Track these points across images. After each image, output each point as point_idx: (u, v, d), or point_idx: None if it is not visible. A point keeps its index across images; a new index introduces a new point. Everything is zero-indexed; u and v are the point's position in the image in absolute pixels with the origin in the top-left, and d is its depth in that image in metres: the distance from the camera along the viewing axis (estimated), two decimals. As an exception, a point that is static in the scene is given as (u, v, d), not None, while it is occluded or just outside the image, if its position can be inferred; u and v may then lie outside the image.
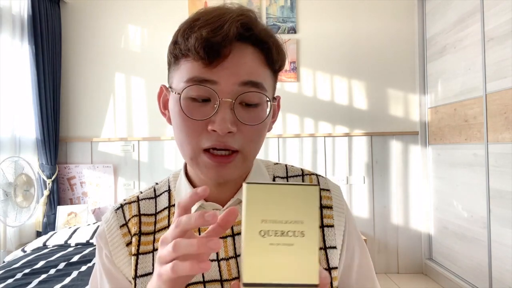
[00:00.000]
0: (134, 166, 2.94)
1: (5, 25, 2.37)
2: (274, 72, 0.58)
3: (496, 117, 2.06)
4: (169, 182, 0.66)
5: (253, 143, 0.55)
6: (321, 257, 0.59)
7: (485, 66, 2.15)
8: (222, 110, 0.51)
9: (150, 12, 2.97)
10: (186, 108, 0.53)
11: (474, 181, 2.28)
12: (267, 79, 0.55)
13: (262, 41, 0.54)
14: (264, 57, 0.55)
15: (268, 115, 0.55)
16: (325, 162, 2.93)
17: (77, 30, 2.98)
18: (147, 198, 0.65)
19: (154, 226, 0.62)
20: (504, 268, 2.02)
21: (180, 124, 0.54)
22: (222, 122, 0.50)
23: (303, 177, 0.66)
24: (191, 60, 0.52)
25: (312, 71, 2.95)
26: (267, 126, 0.58)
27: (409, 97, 2.94)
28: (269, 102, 0.55)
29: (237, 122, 0.52)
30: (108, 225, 0.63)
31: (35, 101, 2.58)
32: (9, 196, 2.15)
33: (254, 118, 0.53)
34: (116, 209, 0.64)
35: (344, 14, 2.96)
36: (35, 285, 1.50)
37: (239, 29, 0.50)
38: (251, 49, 0.53)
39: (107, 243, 0.62)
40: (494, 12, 2.07)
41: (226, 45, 0.50)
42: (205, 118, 0.52)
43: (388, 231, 2.90)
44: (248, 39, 0.53)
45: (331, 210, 0.63)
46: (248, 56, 0.53)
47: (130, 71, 2.97)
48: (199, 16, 0.52)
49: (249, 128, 0.53)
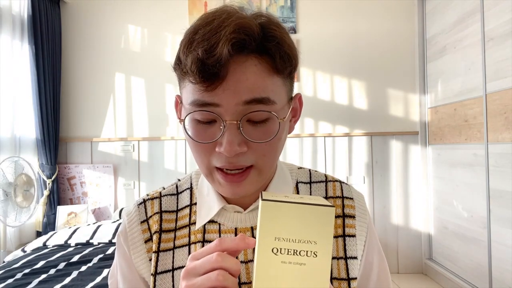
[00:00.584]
0: (134, 166, 2.94)
1: (5, 25, 2.37)
2: (285, 76, 0.53)
3: (496, 117, 2.06)
4: (191, 179, 0.66)
5: (267, 157, 0.53)
6: (341, 267, 0.59)
7: (485, 66, 2.15)
8: (228, 132, 0.49)
9: (150, 12, 2.97)
10: (193, 132, 0.52)
11: (474, 181, 2.28)
12: (275, 89, 0.51)
13: (263, 51, 0.50)
14: (270, 66, 0.50)
15: (279, 129, 0.52)
16: (325, 162, 2.93)
17: (77, 30, 2.98)
18: (169, 195, 0.65)
19: (175, 223, 0.62)
20: (504, 268, 2.02)
21: (191, 145, 0.54)
22: (229, 145, 0.48)
23: (326, 183, 0.65)
24: (192, 82, 0.49)
25: (312, 71, 2.95)
26: (283, 137, 0.55)
27: (409, 97, 2.94)
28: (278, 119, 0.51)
29: (246, 141, 0.50)
30: (129, 218, 0.63)
31: (35, 101, 2.58)
32: (9, 196, 2.15)
33: (263, 135, 0.51)
34: (139, 204, 0.64)
35: (344, 14, 2.96)
36: (35, 285, 1.50)
37: (231, 51, 0.46)
38: (254, 60, 0.49)
39: (126, 237, 0.62)
40: (494, 12, 2.07)
41: (221, 67, 0.47)
42: (212, 140, 0.50)
43: (388, 231, 2.90)
44: (247, 52, 0.49)
45: (353, 219, 0.62)
46: (249, 70, 0.49)
47: (130, 71, 2.97)
48: (198, 28, 0.49)
49: (261, 144, 0.51)
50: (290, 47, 0.52)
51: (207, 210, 0.60)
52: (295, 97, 0.59)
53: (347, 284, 0.58)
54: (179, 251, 0.60)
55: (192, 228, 0.61)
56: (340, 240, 0.60)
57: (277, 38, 0.50)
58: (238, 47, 0.47)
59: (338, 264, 0.59)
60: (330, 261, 0.37)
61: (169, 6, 2.96)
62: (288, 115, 0.54)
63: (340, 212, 0.62)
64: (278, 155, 0.56)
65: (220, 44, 0.46)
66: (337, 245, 0.60)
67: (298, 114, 0.61)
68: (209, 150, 0.51)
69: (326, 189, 0.64)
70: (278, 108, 0.51)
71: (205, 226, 0.60)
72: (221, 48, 0.46)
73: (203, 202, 0.62)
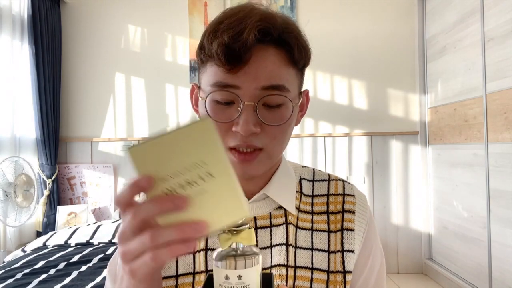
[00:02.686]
0: (134, 166, 2.93)
1: (5, 25, 2.37)
2: (299, 69, 0.59)
3: (496, 117, 2.06)
4: None
5: (277, 140, 0.56)
6: (338, 260, 0.59)
7: (485, 66, 2.15)
8: (245, 112, 0.53)
9: (150, 12, 2.97)
10: (211, 110, 0.55)
11: (474, 181, 2.28)
12: (290, 79, 0.56)
13: (282, 42, 0.55)
14: (287, 57, 0.56)
15: (292, 115, 0.56)
16: (325, 162, 2.93)
17: (77, 30, 2.98)
18: None
19: None
20: (504, 268, 2.02)
21: None
22: (245, 124, 0.52)
23: (329, 182, 0.67)
24: (215, 65, 0.54)
25: (312, 71, 2.95)
26: (292, 124, 0.59)
27: (409, 97, 2.94)
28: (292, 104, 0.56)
29: (261, 123, 0.54)
30: None
31: (35, 101, 2.57)
32: (9, 196, 2.15)
33: (277, 119, 0.55)
34: None
35: (344, 14, 2.96)
36: (35, 285, 1.50)
37: (257, 35, 0.51)
38: (273, 50, 0.54)
39: None
40: (494, 12, 2.07)
41: (246, 51, 0.51)
42: (230, 120, 0.54)
43: (388, 231, 2.90)
44: (268, 42, 0.54)
45: (353, 214, 0.63)
46: (269, 59, 0.54)
47: (130, 71, 2.97)
48: (224, 19, 0.54)
49: (273, 128, 0.55)
50: (306, 42, 0.58)
51: None
52: (303, 92, 0.64)
53: (342, 276, 0.59)
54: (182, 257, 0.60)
55: None
56: (338, 234, 0.61)
57: (296, 31, 0.57)
58: (262, 34, 0.52)
59: (335, 257, 0.60)
60: (231, 174, 0.34)
61: (169, 6, 2.96)
62: (293, 110, 0.58)
63: (340, 208, 0.63)
64: (286, 142, 0.60)
65: (246, 31, 0.51)
66: (335, 239, 0.61)
67: (304, 109, 0.66)
68: (225, 130, 0.55)
69: (329, 187, 0.66)
70: (291, 96, 0.56)
71: None
72: (247, 34, 0.51)
73: None
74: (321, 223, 0.62)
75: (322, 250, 0.60)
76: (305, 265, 0.59)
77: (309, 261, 0.59)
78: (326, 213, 0.63)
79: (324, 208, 0.63)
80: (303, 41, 0.57)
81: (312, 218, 0.62)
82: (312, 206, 0.64)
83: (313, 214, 0.63)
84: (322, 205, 0.64)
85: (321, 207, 0.64)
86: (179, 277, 0.59)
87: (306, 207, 0.63)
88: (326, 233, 0.61)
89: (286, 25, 0.56)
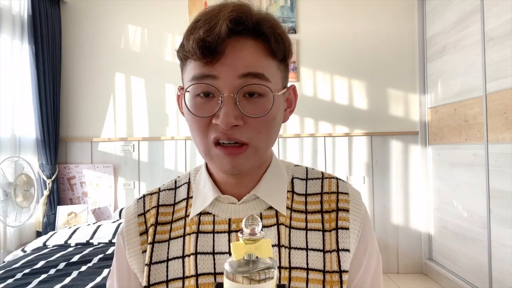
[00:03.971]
0: (134, 166, 2.94)
1: (5, 25, 2.37)
2: (280, 62, 0.58)
3: (496, 117, 2.06)
4: (190, 175, 0.68)
5: (262, 134, 0.55)
6: (333, 259, 0.58)
7: (485, 66, 2.15)
8: (225, 105, 0.52)
9: (150, 12, 2.97)
10: (192, 106, 0.55)
11: (474, 181, 2.28)
12: (270, 69, 0.55)
13: (259, 32, 0.54)
14: (265, 48, 0.55)
15: (274, 106, 0.55)
16: (325, 162, 2.93)
17: (77, 30, 2.98)
18: (167, 189, 0.67)
19: (171, 216, 0.64)
20: (504, 268, 2.02)
21: (190, 122, 0.57)
22: (225, 116, 0.51)
23: (322, 180, 0.65)
24: (193, 61, 0.54)
25: (312, 71, 2.95)
26: (277, 117, 0.58)
27: (409, 97, 2.94)
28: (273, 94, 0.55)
29: (243, 116, 0.53)
30: (127, 212, 0.66)
31: (35, 101, 2.58)
32: (9, 196, 2.15)
33: (258, 110, 0.54)
34: (138, 199, 0.67)
35: (344, 14, 2.96)
36: (35, 285, 1.50)
37: (229, 25, 0.51)
38: (250, 42, 0.54)
39: (123, 232, 0.64)
40: (494, 12, 2.07)
41: (220, 42, 0.51)
42: (211, 114, 0.54)
43: (388, 231, 2.90)
44: (245, 33, 0.54)
45: (347, 213, 0.62)
46: (247, 49, 0.54)
47: (130, 71, 2.97)
48: (201, 17, 0.54)
49: (256, 120, 0.54)
50: (283, 32, 0.57)
51: (202, 201, 0.62)
52: (289, 88, 0.63)
53: (338, 276, 0.58)
54: (174, 242, 0.61)
55: (188, 220, 0.62)
56: (333, 233, 0.60)
57: (271, 21, 0.56)
58: (234, 23, 0.52)
59: (331, 257, 0.59)
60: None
61: (169, 6, 2.96)
62: (282, 100, 0.58)
63: (334, 206, 0.62)
64: (273, 137, 0.59)
65: (219, 23, 0.51)
66: (330, 238, 0.60)
67: (293, 105, 0.65)
68: (207, 123, 0.54)
69: (322, 185, 0.65)
70: (273, 87, 0.55)
71: (200, 218, 0.61)
72: (220, 26, 0.51)
73: (198, 194, 0.63)
74: (316, 222, 0.61)
75: (317, 250, 0.59)
76: (300, 266, 0.58)
77: (304, 262, 0.58)
78: (320, 212, 0.62)
79: (318, 207, 0.62)
80: (280, 31, 0.56)
81: (306, 217, 0.61)
82: (306, 205, 0.63)
83: (307, 213, 0.62)
84: (316, 204, 0.63)
85: (315, 206, 0.63)
86: (169, 261, 0.60)
87: (300, 206, 0.62)
88: (321, 233, 0.60)
89: (260, 16, 0.55)
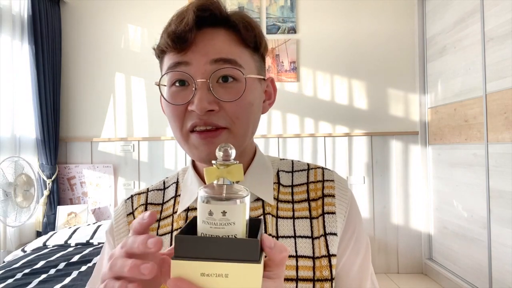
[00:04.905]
0: (134, 166, 2.94)
1: (5, 25, 2.37)
2: (253, 51, 0.60)
3: (496, 117, 2.06)
4: (178, 175, 0.69)
5: (240, 119, 0.56)
6: (321, 244, 0.59)
7: (485, 66, 2.15)
8: (199, 91, 0.53)
9: (150, 12, 2.97)
10: (168, 96, 0.57)
11: (474, 181, 2.28)
12: (243, 57, 0.57)
13: (228, 23, 0.57)
14: (236, 37, 0.57)
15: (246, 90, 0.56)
16: (325, 162, 2.93)
17: (77, 30, 2.98)
18: (156, 190, 0.68)
19: (159, 214, 0.65)
20: (504, 268, 2.02)
21: (167, 112, 0.58)
22: (199, 102, 0.52)
23: (308, 171, 0.66)
24: (167, 53, 0.57)
25: (312, 71, 2.95)
26: (254, 103, 0.58)
27: (409, 97, 2.94)
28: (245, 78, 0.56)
29: (217, 101, 0.54)
30: (116, 213, 0.67)
31: (35, 101, 2.57)
32: (9, 196, 2.15)
33: (232, 94, 0.55)
34: (126, 199, 0.68)
35: (344, 14, 2.96)
36: (35, 285, 1.50)
37: (196, 12, 0.54)
38: (222, 31, 0.56)
39: (112, 231, 0.65)
40: (494, 12, 2.07)
41: (190, 30, 0.53)
42: (186, 102, 0.55)
43: (388, 231, 2.90)
44: (216, 24, 0.56)
45: (333, 198, 0.63)
46: (218, 38, 0.56)
47: (130, 71, 2.97)
48: (174, 15, 0.57)
49: (232, 105, 0.55)
50: (252, 21, 0.59)
51: (189, 197, 0.63)
52: (267, 80, 0.64)
53: (327, 260, 0.58)
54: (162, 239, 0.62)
55: (175, 217, 0.63)
56: (320, 219, 0.60)
57: (241, 13, 0.59)
58: (201, 10, 0.54)
59: (319, 242, 0.59)
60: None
61: (169, 6, 2.95)
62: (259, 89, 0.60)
63: (320, 194, 0.63)
64: (250, 124, 0.59)
65: (187, 13, 0.54)
66: (317, 224, 0.60)
67: (272, 97, 0.66)
68: (183, 111, 0.56)
69: (308, 175, 0.65)
70: (245, 72, 0.56)
71: (187, 214, 0.62)
72: (188, 16, 0.54)
73: (186, 191, 0.64)
74: (303, 210, 0.61)
75: (306, 237, 0.59)
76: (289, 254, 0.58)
77: (293, 250, 0.58)
78: (307, 201, 0.62)
79: (305, 196, 0.63)
80: (250, 21, 0.58)
81: (293, 206, 0.62)
82: (293, 196, 0.63)
83: (294, 203, 0.62)
84: (303, 194, 0.63)
85: (301, 196, 0.63)
86: None
87: (286, 197, 0.63)
88: (308, 220, 0.60)
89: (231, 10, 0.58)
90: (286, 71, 2.92)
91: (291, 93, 2.93)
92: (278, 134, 2.92)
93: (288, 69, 2.93)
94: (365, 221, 2.90)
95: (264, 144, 2.94)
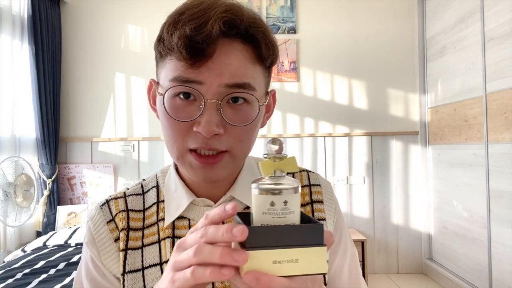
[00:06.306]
0: (134, 166, 2.94)
1: (5, 25, 2.37)
2: (266, 67, 0.55)
3: (496, 117, 2.06)
4: (157, 178, 0.65)
5: (242, 142, 0.53)
6: None
7: (485, 66, 2.15)
8: (208, 111, 0.49)
9: (150, 12, 2.97)
10: (171, 108, 0.51)
11: (474, 181, 2.28)
12: (256, 77, 0.52)
13: (250, 37, 0.51)
14: (254, 54, 0.52)
15: (258, 115, 0.53)
16: (325, 162, 2.93)
17: (77, 30, 2.98)
18: (134, 194, 0.63)
19: (142, 222, 0.60)
20: (504, 268, 2.02)
21: (166, 124, 0.53)
22: (207, 124, 0.48)
23: (293, 175, 0.65)
24: (175, 59, 0.49)
25: (312, 71, 2.95)
26: (258, 126, 0.56)
27: (409, 97, 2.94)
28: (259, 104, 0.53)
29: (224, 123, 0.50)
30: (93, 222, 0.60)
31: (35, 101, 2.57)
32: (9, 196, 2.15)
33: (242, 119, 0.51)
34: (101, 205, 0.61)
35: (344, 14, 2.96)
36: (35, 285, 1.50)
37: (222, 28, 0.47)
38: (239, 45, 0.51)
39: (93, 241, 0.59)
40: (494, 12, 2.07)
41: (210, 44, 0.47)
42: (191, 119, 0.50)
43: (388, 231, 2.90)
44: (234, 36, 0.50)
45: (322, 204, 0.62)
46: (234, 54, 0.50)
47: (130, 71, 2.97)
48: (185, 9, 0.50)
49: (238, 129, 0.51)
50: (274, 39, 0.54)
51: (176, 206, 0.59)
52: (270, 93, 0.60)
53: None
54: (148, 249, 0.58)
55: (161, 225, 0.59)
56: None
57: (263, 26, 0.52)
58: (228, 27, 0.48)
59: None
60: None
61: (169, 6, 2.93)
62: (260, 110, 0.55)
63: (308, 199, 0.62)
64: (252, 144, 0.56)
65: (210, 22, 0.47)
66: None
67: (271, 109, 0.62)
68: (186, 129, 0.51)
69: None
70: (258, 95, 0.53)
71: (174, 223, 0.58)
72: (211, 25, 0.47)
73: (171, 199, 0.60)
74: None
75: None
76: None
77: None
78: None
79: None
80: (271, 37, 0.53)
81: None
82: None
83: None
84: None
85: None
86: (145, 270, 0.57)
87: None
88: None
89: (253, 19, 0.51)
90: (286, 71, 2.92)
91: (291, 93, 2.93)
92: (278, 134, 2.92)
93: (288, 69, 2.93)
94: (365, 221, 2.90)
95: (264, 144, 2.95)
